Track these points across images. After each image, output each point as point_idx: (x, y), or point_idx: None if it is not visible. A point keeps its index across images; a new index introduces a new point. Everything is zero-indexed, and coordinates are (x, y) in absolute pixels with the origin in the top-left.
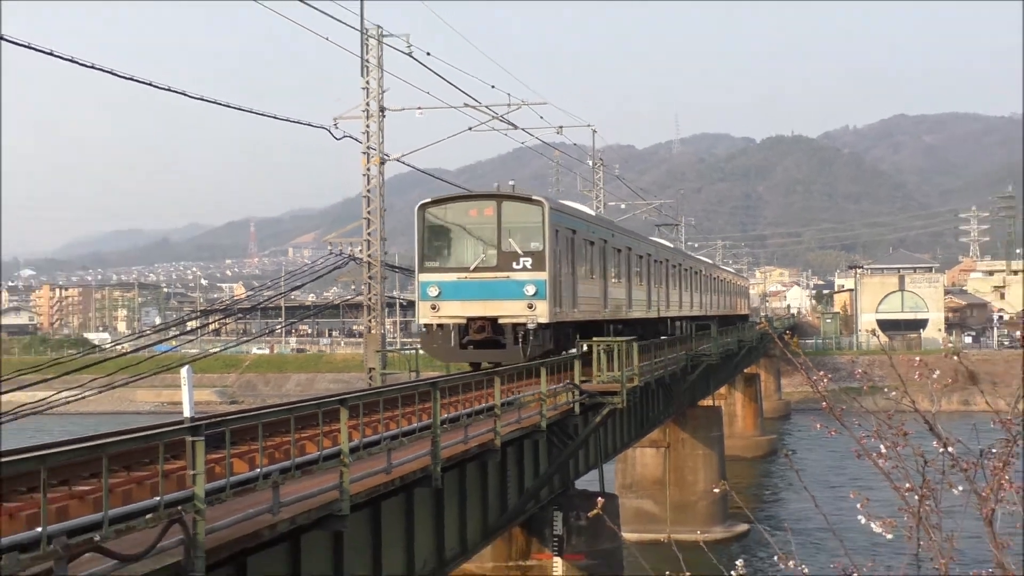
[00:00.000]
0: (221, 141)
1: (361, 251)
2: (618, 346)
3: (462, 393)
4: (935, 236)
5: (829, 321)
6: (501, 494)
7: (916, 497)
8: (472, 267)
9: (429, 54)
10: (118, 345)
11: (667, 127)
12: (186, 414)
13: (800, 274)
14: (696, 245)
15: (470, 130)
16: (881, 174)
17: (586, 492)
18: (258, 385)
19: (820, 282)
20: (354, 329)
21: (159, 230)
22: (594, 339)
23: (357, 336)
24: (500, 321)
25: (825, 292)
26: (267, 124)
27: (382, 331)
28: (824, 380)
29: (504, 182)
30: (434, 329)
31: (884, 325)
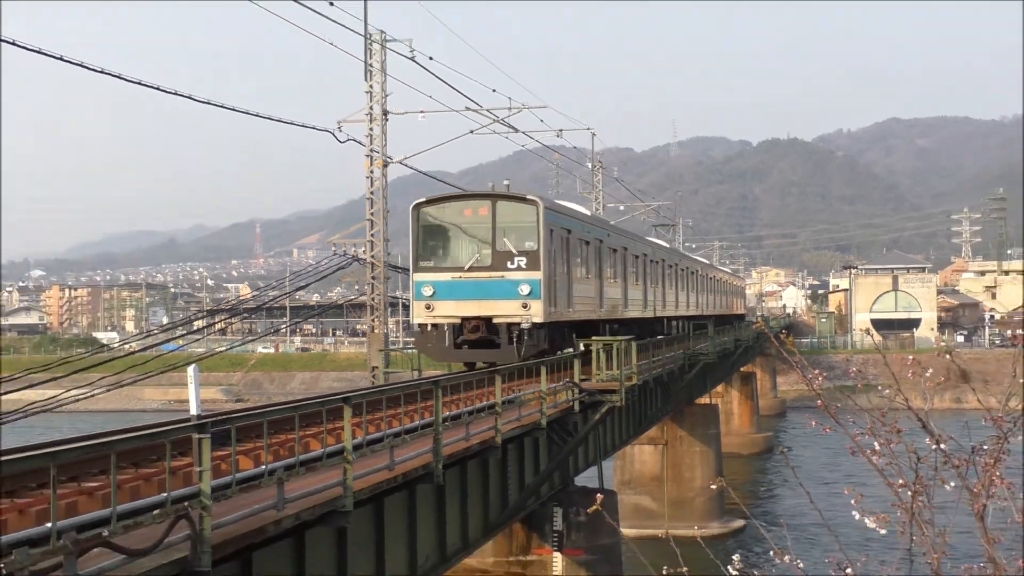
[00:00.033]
0: (223, 143)
1: (364, 252)
2: (617, 345)
3: (463, 391)
4: (928, 237)
5: (824, 321)
6: (502, 490)
7: (909, 493)
8: (467, 267)
9: (432, 58)
10: (126, 344)
11: (665, 130)
12: (192, 412)
13: (796, 274)
14: (694, 246)
15: (471, 133)
16: (875, 176)
17: (585, 488)
18: (263, 383)
19: (815, 282)
20: (357, 328)
21: (166, 231)
22: (594, 338)
23: (360, 335)
24: (495, 321)
25: (820, 292)
26: (270, 127)
27: (385, 330)
28: (819, 378)
29: (503, 184)
30: (428, 329)
31: (878, 324)
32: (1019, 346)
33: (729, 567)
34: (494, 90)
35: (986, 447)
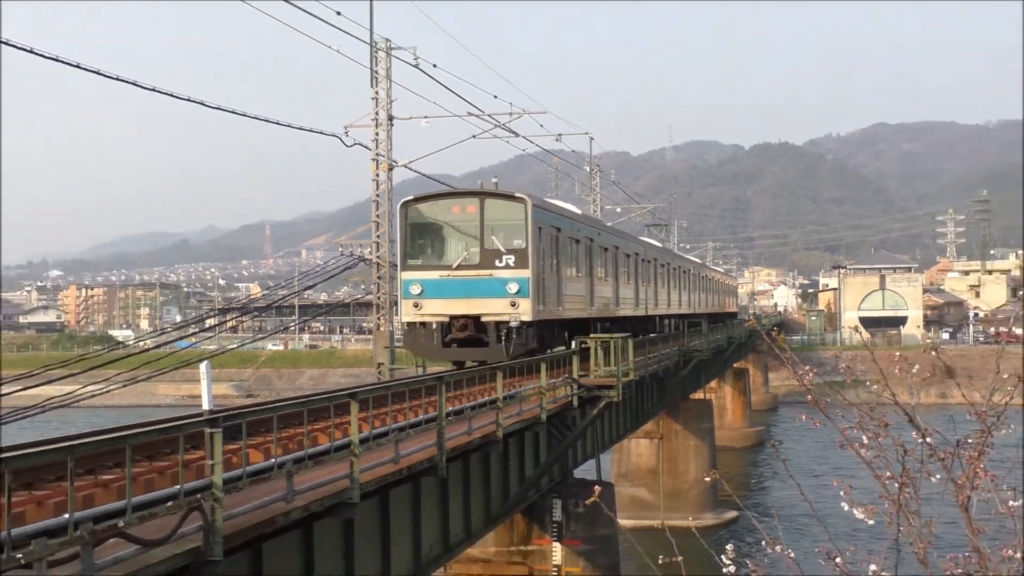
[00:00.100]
0: (233, 147)
1: (370, 252)
2: (614, 342)
3: (466, 387)
4: (914, 238)
5: (814, 318)
6: (503, 483)
7: (896, 485)
8: (455, 265)
9: (435, 66)
10: (141, 342)
11: (661, 134)
12: (205, 407)
13: (787, 274)
14: (687, 246)
15: (474, 138)
16: (863, 179)
17: (584, 481)
18: (273, 380)
19: (805, 281)
20: (364, 326)
21: (179, 233)
22: (591, 336)
23: (367, 333)
24: (483, 319)
25: (810, 291)
26: (277, 130)
27: (390, 328)
28: (809, 374)
29: (491, 182)
30: (417, 327)
31: (866, 322)
32: (1002, 343)
33: (723, 556)
34: (496, 96)
35: (970, 440)
